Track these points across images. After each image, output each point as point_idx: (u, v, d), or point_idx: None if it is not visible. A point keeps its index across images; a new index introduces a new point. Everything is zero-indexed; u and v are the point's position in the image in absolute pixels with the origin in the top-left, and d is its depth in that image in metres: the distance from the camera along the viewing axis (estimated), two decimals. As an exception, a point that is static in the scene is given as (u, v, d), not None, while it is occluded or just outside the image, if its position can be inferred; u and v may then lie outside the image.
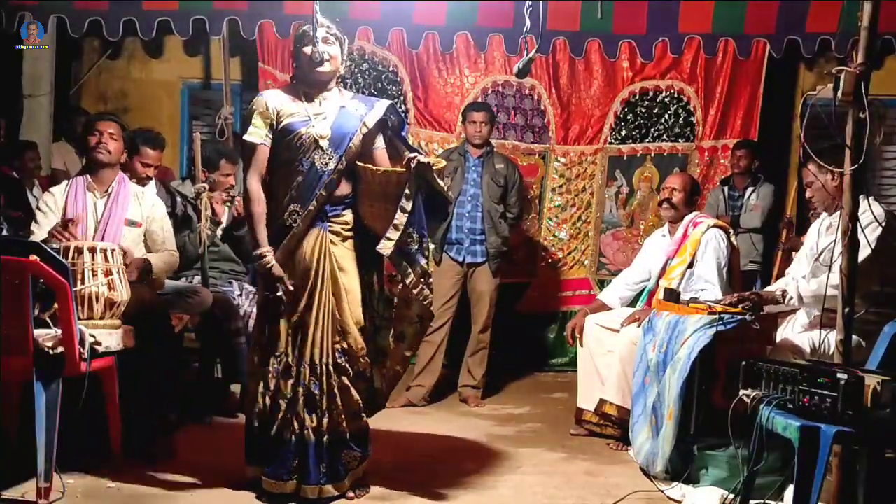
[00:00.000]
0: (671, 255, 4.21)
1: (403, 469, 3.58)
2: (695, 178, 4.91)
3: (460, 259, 5.00)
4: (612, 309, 4.42)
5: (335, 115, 3.17)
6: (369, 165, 3.17)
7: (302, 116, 3.14)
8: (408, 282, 3.16)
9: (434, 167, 3.13)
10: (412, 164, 3.07)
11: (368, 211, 3.21)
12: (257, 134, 3.13)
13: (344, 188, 3.18)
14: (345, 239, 3.19)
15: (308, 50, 3.14)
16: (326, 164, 3.12)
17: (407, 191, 3.08)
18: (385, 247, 3.08)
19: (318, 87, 3.20)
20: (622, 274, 4.62)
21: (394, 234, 3.07)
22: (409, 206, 3.08)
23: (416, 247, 3.13)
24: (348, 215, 3.21)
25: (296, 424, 3.10)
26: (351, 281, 3.17)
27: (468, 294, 5.08)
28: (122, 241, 3.68)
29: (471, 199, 4.99)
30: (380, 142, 3.26)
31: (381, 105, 3.25)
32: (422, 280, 3.16)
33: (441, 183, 3.19)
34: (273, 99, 3.18)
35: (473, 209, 5.00)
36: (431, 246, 4.80)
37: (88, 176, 3.82)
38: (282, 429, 3.12)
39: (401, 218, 3.08)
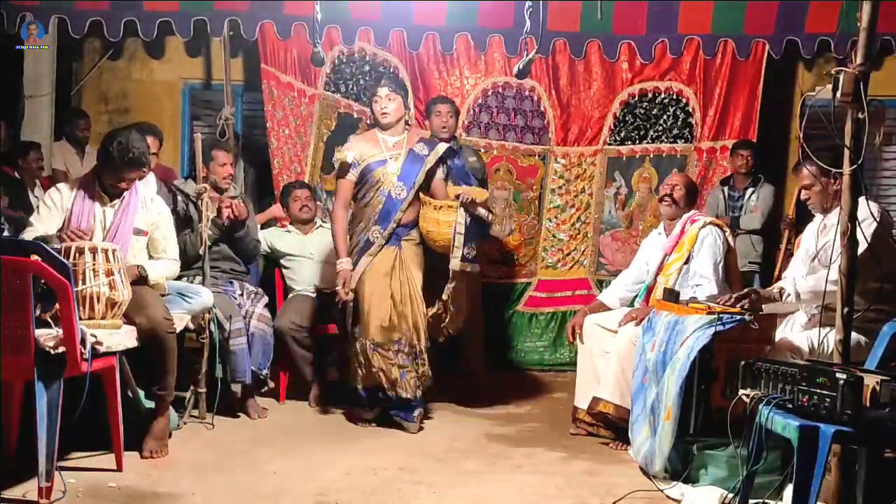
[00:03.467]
0: (668, 252, 4.22)
1: (404, 468, 3.59)
2: (694, 180, 4.91)
3: None
4: (611, 309, 4.42)
5: (404, 156, 4.28)
6: (429, 198, 4.28)
7: (379, 157, 4.26)
8: (472, 272, 4.42)
9: (477, 200, 4.38)
10: (460, 199, 4.24)
11: (425, 232, 4.31)
12: (346, 171, 4.31)
13: (411, 214, 4.29)
14: (414, 252, 4.33)
15: (377, 107, 4.28)
16: (399, 194, 4.24)
17: (459, 220, 4.21)
18: (455, 264, 4.25)
19: (389, 132, 4.29)
20: (621, 275, 4.61)
21: (457, 253, 4.25)
22: (462, 230, 4.22)
23: (473, 254, 4.35)
24: (414, 234, 4.33)
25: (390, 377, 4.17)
26: (416, 272, 4.31)
27: None
28: (129, 251, 3.67)
29: None
30: (439, 175, 4.36)
31: (441, 148, 4.36)
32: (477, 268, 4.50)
33: (482, 212, 4.48)
34: (358, 145, 4.32)
35: None
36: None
37: (98, 186, 3.72)
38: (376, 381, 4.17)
39: (459, 240, 4.24)
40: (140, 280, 3.65)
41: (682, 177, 4.48)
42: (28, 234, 3.57)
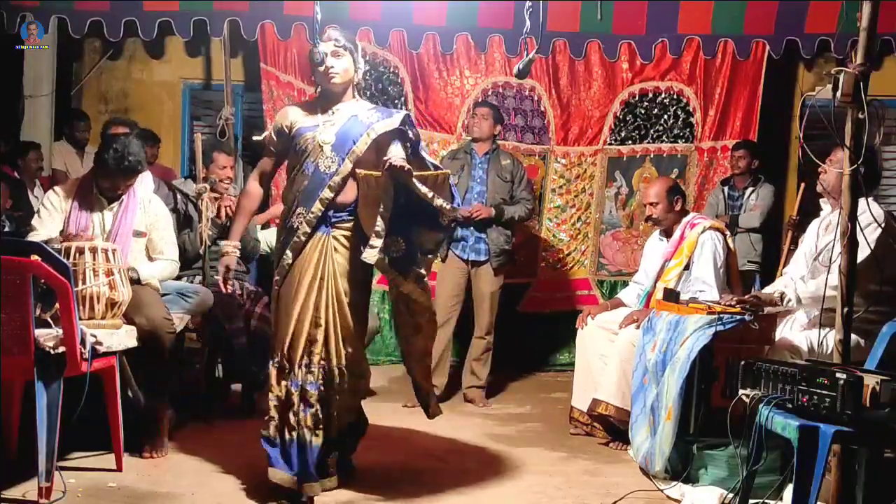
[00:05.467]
0: (668, 258, 4.21)
1: (405, 468, 3.59)
2: (669, 178, 4.90)
3: (465, 257, 5.00)
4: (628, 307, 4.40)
5: (343, 123, 3.24)
6: (360, 171, 3.18)
7: (312, 122, 3.25)
8: (403, 290, 3.18)
9: (414, 173, 3.04)
10: (385, 167, 3.03)
11: (363, 216, 3.20)
12: (267, 141, 3.36)
13: (348, 195, 3.20)
14: (349, 246, 3.20)
15: (322, 68, 3.24)
16: (329, 167, 3.18)
17: (384, 194, 3.04)
18: (369, 255, 3.03)
19: (334, 99, 3.29)
20: (635, 276, 4.59)
21: (376, 242, 3.03)
22: (386, 211, 3.02)
23: (401, 252, 3.12)
24: (353, 223, 3.22)
25: (292, 423, 3.11)
26: (351, 288, 3.19)
27: (471, 294, 5.09)
28: (129, 253, 3.66)
29: (477, 196, 4.98)
30: (396, 151, 3.22)
31: (398, 116, 3.29)
32: (417, 285, 3.17)
33: (423, 189, 3.03)
34: (291, 111, 3.34)
35: None
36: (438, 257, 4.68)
37: (96, 189, 3.72)
38: (280, 429, 3.14)
39: (380, 224, 3.02)
40: (132, 281, 3.64)
41: (654, 188, 4.33)
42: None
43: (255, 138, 3.36)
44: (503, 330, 5.38)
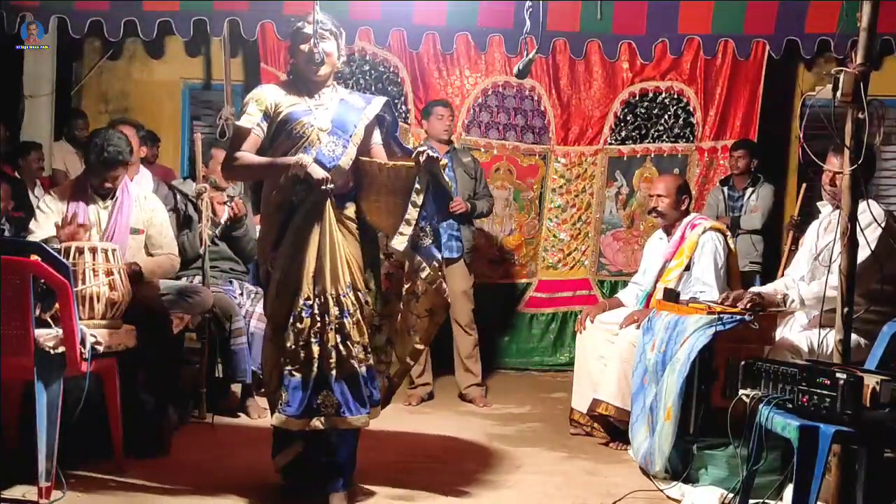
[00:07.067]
0: (668, 258, 4.21)
1: (404, 469, 3.59)
2: (681, 177, 4.89)
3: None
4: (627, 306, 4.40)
5: (336, 107, 3.15)
6: (377, 160, 3.17)
7: (303, 107, 3.11)
8: (424, 276, 3.13)
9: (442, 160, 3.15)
10: (421, 158, 3.04)
11: (374, 206, 3.18)
12: (250, 119, 3.08)
13: (348, 180, 3.15)
14: (350, 232, 3.14)
15: (305, 48, 3.11)
16: (333, 151, 3.08)
17: (417, 185, 3.06)
18: (399, 242, 3.06)
19: (318, 84, 3.16)
20: (634, 276, 4.60)
21: (406, 230, 3.06)
22: (419, 200, 3.06)
23: (430, 241, 3.12)
24: (351, 210, 3.16)
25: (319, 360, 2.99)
26: (354, 252, 3.12)
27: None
28: (127, 251, 3.67)
29: None
30: (377, 138, 3.25)
31: (379, 101, 3.26)
32: (439, 273, 3.15)
33: (446, 178, 3.21)
34: (271, 91, 3.15)
35: None
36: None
37: (90, 188, 3.75)
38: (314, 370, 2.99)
39: (412, 213, 3.05)
40: (135, 276, 3.65)
41: (665, 182, 4.36)
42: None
43: (238, 123, 3.10)
44: (503, 330, 5.39)
